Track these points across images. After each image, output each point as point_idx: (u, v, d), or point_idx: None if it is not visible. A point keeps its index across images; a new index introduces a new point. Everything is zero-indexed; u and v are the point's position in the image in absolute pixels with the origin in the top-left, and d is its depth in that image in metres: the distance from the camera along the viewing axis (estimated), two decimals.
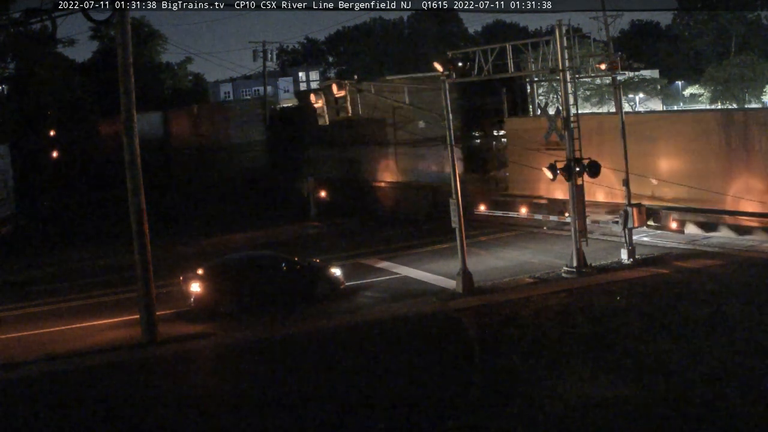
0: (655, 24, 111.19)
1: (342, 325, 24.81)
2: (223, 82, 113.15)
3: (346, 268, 29.93)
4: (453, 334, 23.57)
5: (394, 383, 19.36)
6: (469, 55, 30.79)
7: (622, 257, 29.50)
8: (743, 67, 73.94)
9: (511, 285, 27.76)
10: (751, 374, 17.95)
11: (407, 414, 17.38)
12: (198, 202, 58.34)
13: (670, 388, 17.48)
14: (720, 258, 29.07)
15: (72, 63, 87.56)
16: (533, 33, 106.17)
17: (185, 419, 18.32)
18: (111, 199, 54.54)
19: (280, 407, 18.33)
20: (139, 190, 24.06)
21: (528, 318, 23.85)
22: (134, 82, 24.12)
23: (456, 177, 27.43)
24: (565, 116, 28.61)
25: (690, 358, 19.23)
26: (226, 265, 28.23)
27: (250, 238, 41.81)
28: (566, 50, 28.50)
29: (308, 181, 48.43)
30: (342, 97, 28.92)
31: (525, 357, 20.36)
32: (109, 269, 35.78)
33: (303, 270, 28.01)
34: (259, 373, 21.20)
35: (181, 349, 23.58)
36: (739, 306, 23.16)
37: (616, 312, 23.60)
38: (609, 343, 20.85)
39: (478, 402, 17.89)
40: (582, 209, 28.86)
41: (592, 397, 17.26)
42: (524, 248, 33.85)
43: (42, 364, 22.80)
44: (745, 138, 31.20)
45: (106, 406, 19.37)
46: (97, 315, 27.73)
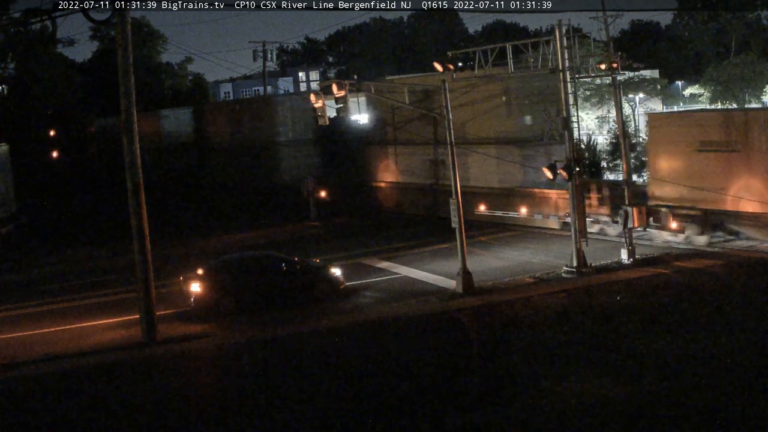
0: (655, 24, 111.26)
1: (342, 325, 24.81)
2: (223, 82, 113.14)
3: (345, 267, 29.93)
4: (453, 334, 23.58)
5: (394, 383, 19.37)
6: (469, 55, 30.80)
7: (622, 257, 29.50)
8: (743, 67, 73.91)
9: (511, 285, 27.77)
10: (751, 374, 17.97)
11: (407, 414, 17.39)
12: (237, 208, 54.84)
13: (670, 388, 17.49)
14: (720, 258, 29.07)
15: (72, 63, 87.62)
16: (533, 33, 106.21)
17: (185, 419, 18.32)
18: (111, 199, 54.55)
19: (280, 407, 18.34)
20: (139, 190, 24.06)
21: (528, 318, 23.85)
22: (134, 82, 24.13)
23: (456, 177, 27.40)
24: (566, 116, 28.61)
25: (690, 358, 19.24)
26: (226, 265, 28.23)
27: (252, 237, 41.81)
28: (566, 50, 28.49)
29: (308, 180, 48.29)
30: (343, 97, 28.86)
31: (525, 357, 20.37)
32: (109, 269, 35.78)
33: (303, 270, 28.02)
34: (259, 373, 21.21)
35: (180, 349, 23.58)
36: (739, 306, 23.17)
37: (616, 312, 23.60)
38: (609, 343, 20.86)
39: (478, 402, 17.90)
40: (582, 209, 28.87)
41: (592, 397, 17.27)
42: (524, 248, 33.85)
43: (42, 364, 22.81)
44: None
45: (106, 406, 19.38)
46: (97, 315, 27.73)
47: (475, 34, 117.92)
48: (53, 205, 63.64)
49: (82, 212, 59.55)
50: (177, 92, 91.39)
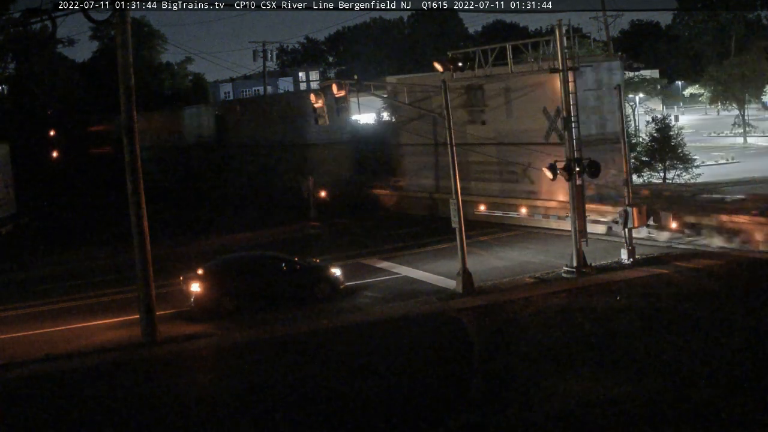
0: (655, 24, 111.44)
1: (342, 325, 24.81)
2: (223, 82, 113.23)
3: (345, 267, 29.92)
4: (453, 334, 23.57)
5: (394, 383, 19.37)
6: (469, 54, 30.80)
7: (622, 257, 29.49)
8: (743, 67, 73.95)
9: (512, 285, 27.76)
10: (751, 374, 17.96)
11: (407, 414, 17.39)
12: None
13: (670, 388, 17.49)
14: (720, 258, 29.05)
15: (72, 63, 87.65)
16: (533, 33, 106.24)
17: (185, 419, 18.34)
18: (112, 199, 54.52)
19: (280, 407, 18.35)
20: (139, 190, 24.07)
21: (528, 318, 23.85)
22: (134, 82, 24.13)
23: (456, 177, 27.39)
24: (566, 116, 28.61)
25: (690, 358, 19.24)
26: (226, 265, 28.24)
27: (252, 237, 41.79)
28: (566, 50, 28.48)
29: (307, 180, 48.25)
30: (342, 96, 28.88)
31: (525, 357, 20.38)
32: (109, 269, 35.78)
33: (303, 270, 28.02)
34: (259, 373, 21.21)
35: (181, 349, 23.58)
36: (739, 306, 23.16)
37: (616, 312, 23.60)
38: (609, 343, 20.86)
39: (478, 402, 17.91)
40: (582, 209, 28.86)
41: (592, 397, 17.27)
42: (524, 248, 33.83)
43: (42, 364, 22.81)
44: None
45: (106, 406, 19.39)
46: (97, 315, 27.73)
47: (475, 34, 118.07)
48: (53, 205, 63.64)
49: (83, 212, 59.52)
50: (177, 92, 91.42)
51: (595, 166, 28.17)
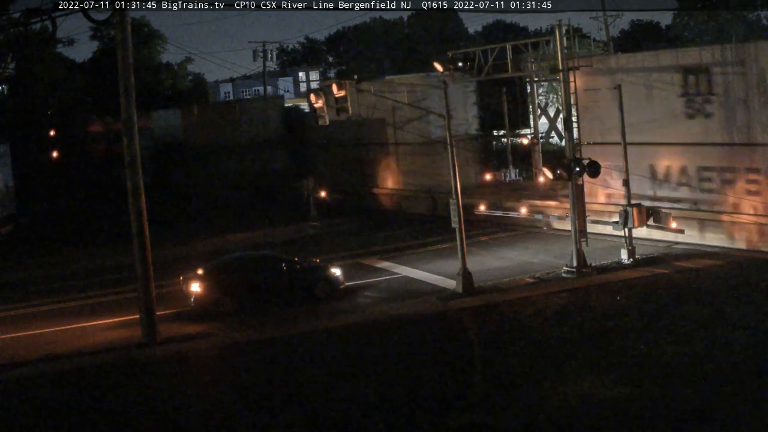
0: (655, 24, 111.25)
1: (342, 325, 24.81)
2: (223, 82, 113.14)
3: (345, 267, 29.93)
4: (453, 334, 23.57)
5: (394, 383, 19.37)
6: (469, 55, 30.84)
7: (622, 257, 29.50)
8: None
9: (512, 285, 27.76)
10: (751, 374, 17.96)
11: (407, 414, 17.39)
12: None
13: (670, 388, 17.49)
14: (720, 258, 29.05)
15: (72, 63, 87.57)
16: (533, 33, 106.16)
17: (185, 419, 18.34)
18: (111, 199, 54.53)
19: (280, 407, 18.35)
20: (139, 190, 24.06)
21: (528, 318, 23.85)
22: (134, 82, 24.12)
23: (456, 177, 27.39)
24: (566, 116, 28.62)
25: (690, 358, 19.24)
26: (226, 265, 28.25)
27: (252, 237, 41.79)
28: (566, 50, 28.49)
29: (307, 180, 48.19)
30: (342, 97, 28.83)
31: (525, 357, 20.38)
32: (109, 269, 35.77)
33: (303, 270, 28.03)
34: (259, 373, 21.21)
35: (181, 349, 23.58)
36: (739, 306, 23.16)
37: (615, 312, 23.60)
38: (609, 342, 20.86)
39: (478, 402, 17.91)
40: (582, 209, 28.87)
41: (592, 397, 17.28)
42: (524, 248, 33.83)
43: (42, 364, 22.82)
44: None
45: (106, 406, 19.39)
46: (97, 315, 27.74)
47: (475, 34, 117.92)
48: (53, 205, 63.64)
49: (83, 212, 59.53)
50: (177, 92, 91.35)
51: (595, 166, 28.19)
